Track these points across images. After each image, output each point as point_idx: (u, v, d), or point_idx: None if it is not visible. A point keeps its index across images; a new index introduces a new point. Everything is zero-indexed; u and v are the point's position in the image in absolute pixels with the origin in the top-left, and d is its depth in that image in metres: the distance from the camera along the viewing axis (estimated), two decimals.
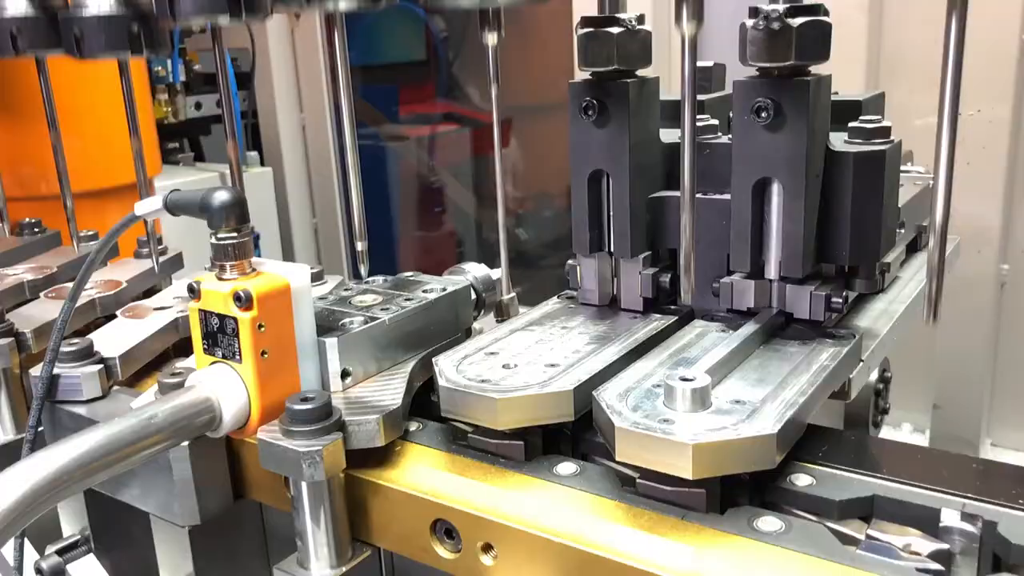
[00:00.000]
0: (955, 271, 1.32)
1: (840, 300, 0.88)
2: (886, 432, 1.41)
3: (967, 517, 0.69)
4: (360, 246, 1.01)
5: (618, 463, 0.73)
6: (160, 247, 1.43)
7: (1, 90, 2.02)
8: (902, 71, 1.89)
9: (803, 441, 0.76)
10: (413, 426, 0.88)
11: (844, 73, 0.87)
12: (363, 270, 1.03)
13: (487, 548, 0.74)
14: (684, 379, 0.73)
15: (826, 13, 0.82)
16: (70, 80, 1.93)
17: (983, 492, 0.71)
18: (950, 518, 0.69)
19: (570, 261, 1.03)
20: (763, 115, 0.83)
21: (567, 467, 0.79)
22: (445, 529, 0.77)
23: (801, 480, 0.75)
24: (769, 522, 0.68)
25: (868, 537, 0.70)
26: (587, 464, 0.79)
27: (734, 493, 0.74)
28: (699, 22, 0.70)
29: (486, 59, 0.90)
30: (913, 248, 1.24)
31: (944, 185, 0.69)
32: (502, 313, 1.11)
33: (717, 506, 0.71)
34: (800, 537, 0.66)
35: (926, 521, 0.70)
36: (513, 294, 1.11)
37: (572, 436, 0.85)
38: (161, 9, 0.92)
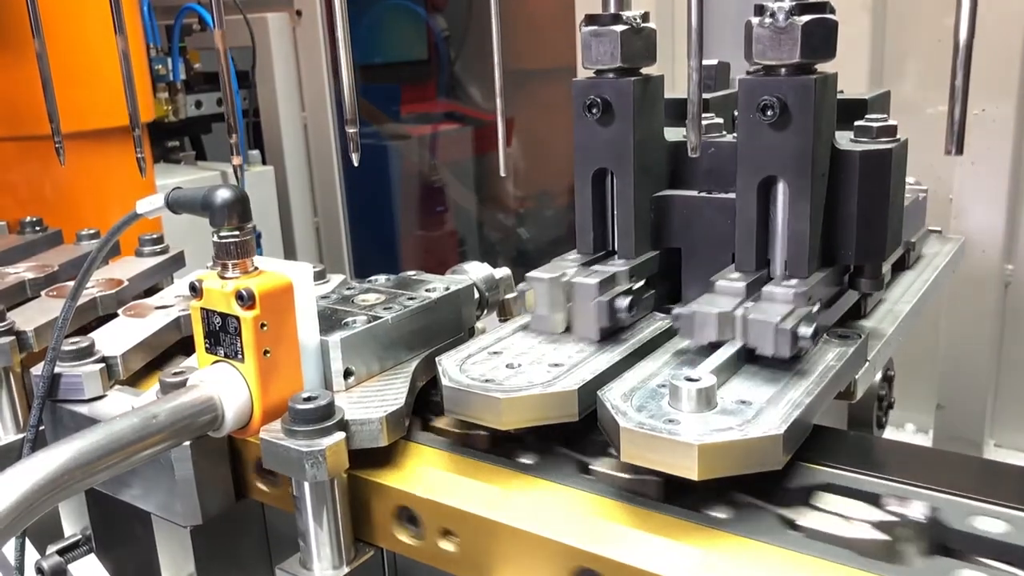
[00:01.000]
0: (959, 272, 1.31)
1: (808, 334, 0.77)
2: (889, 432, 1.41)
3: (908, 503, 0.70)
4: (351, 130, 0.98)
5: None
6: (161, 246, 1.43)
7: None
8: (906, 70, 1.88)
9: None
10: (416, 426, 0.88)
11: (846, 73, 0.86)
12: (355, 158, 1.00)
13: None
14: (689, 379, 0.73)
15: (832, 11, 0.81)
16: (59, 19, 1.86)
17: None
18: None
19: (520, 285, 0.94)
20: (769, 113, 0.83)
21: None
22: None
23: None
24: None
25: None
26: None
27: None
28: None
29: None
30: (900, 266, 1.17)
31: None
32: (505, 312, 1.10)
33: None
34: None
35: None
36: (516, 293, 1.11)
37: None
38: None
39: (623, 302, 0.89)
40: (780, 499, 0.73)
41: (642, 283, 0.94)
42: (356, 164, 0.99)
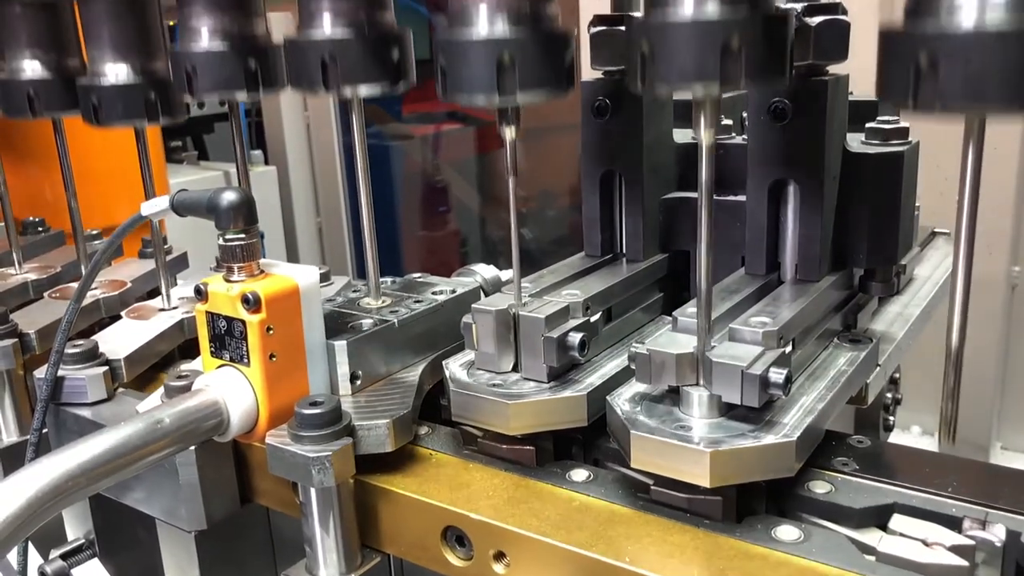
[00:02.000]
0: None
1: (780, 380, 0.68)
2: (895, 435, 1.40)
3: (988, 526, 0.67)
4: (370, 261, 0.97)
5: (632, 469, 0.72)
6: (165, 247, 1.42)
7: (12, 133, 1.99)
8: None
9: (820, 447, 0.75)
10: (423, 430, 0.87)
11: (852, 72, 0.85)
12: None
13: (499, 556, 0.73)
14: (700, 384, 0.72)
15: (844, 12, 0.80)
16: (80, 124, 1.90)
17: (1006, 500, 0.70)
18: (972, 528, 0.68)
19: (465, 318, 0.83)
20: (780, 116, 0.82)
21: (580, 473, 0.77)
22: (456, 536, 0.75)
23: (819, 487, 0.73)
24: (787, 531, 0.67)
25: (888, 531, 0.68)
26: (599, 470, 0.78)
27: (750, 500, 0.72)
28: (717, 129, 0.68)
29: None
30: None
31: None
32: None
33: (733, 514, 0.70)
34: (819, 546, 0.65)
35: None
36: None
37: (583, 441, 0.83)
38: (179, 83, 0.94)
39: (574, 339, 0.78)
40: (849, 520, 0.70)
41: (598, 315, 0.84)
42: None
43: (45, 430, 0.94)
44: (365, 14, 0.85)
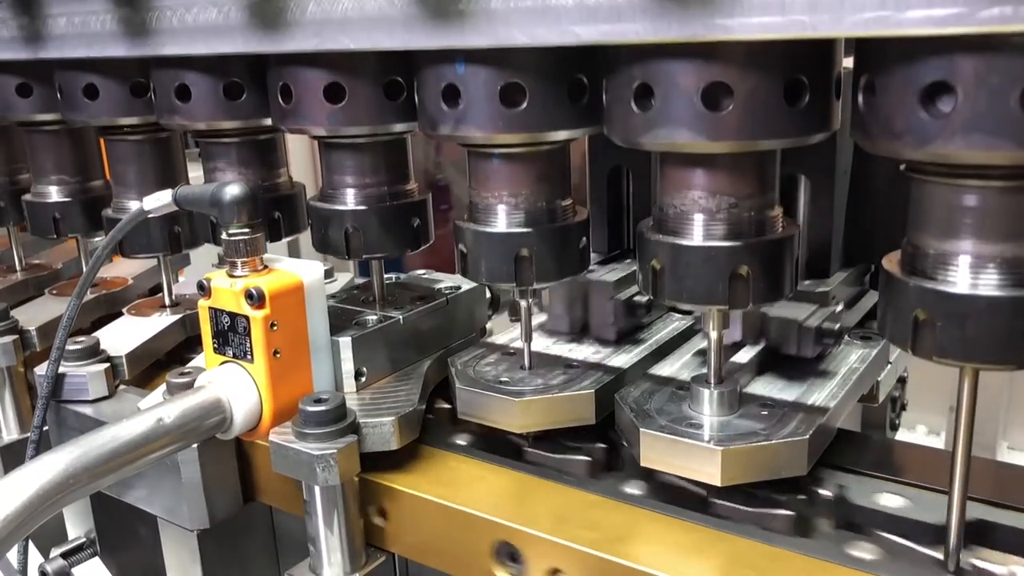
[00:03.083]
0: None
1: (833, 329, 0.78)
2: (901, 434, 1.39)
3: None
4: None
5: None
6: None
7: None
8: None
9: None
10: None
11: None
12: None
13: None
14: (711, 382, 0.71)
15: None
16: None
17: None
18: None
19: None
20: None
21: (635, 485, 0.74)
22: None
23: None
24: (862, 547, 0.64)
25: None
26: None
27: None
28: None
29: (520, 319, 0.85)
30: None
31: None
32: (517, 312, 1.08)
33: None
34: (899, 566, 0.62)
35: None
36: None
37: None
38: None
39: (641, 300, 0.87)
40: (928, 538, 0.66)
41: None
42: None
43: (46, 428, 0.93)
44: (387, 186, 0.89)
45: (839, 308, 0.80)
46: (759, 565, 0.63)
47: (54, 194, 1.16)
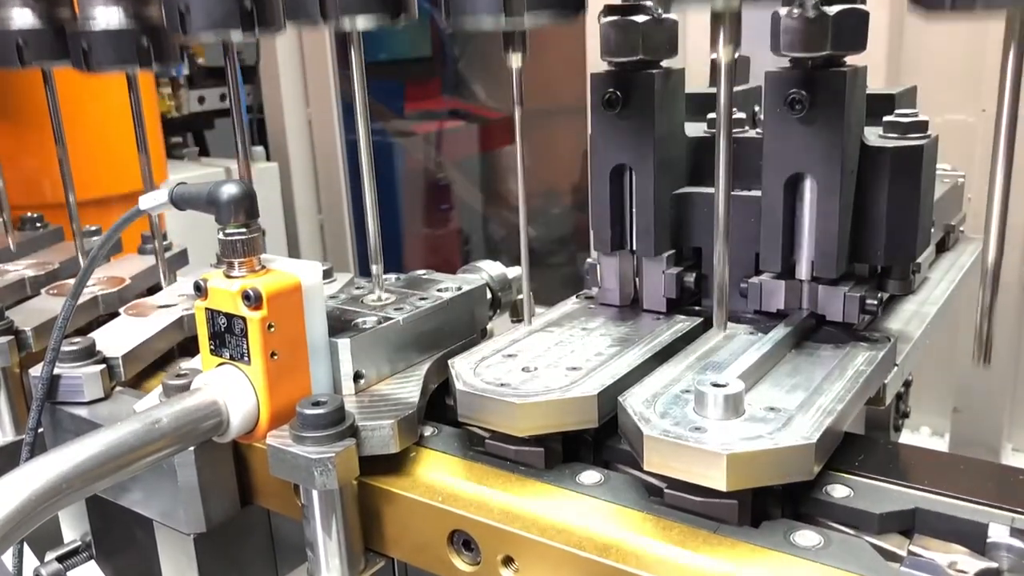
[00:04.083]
0: (977, 273, 1.28)
1: (875, 302, 0.85)
2: (905, 436, 1.38)
3: (1016, 532, 0.65)
4: (376, 269, 0.96)
5: (644, 472, 0.70)
6: (165, 242, 1.40)
7: (4, 96, 1.99)
8: (919, 68, 1.85)
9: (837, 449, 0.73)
10: (428, 431, 0.84)
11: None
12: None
13: (507, 561, 0.71)
14: (716, 385, 0.70)
15: (863, 1, 0.78)
16: (74, 87, 1.89)
17: None
18: (998, 533, 0.65)
19: (589, 260, 0.99)
20: (797, 108, 0.80)
21: (591, 476, 0.75)
22: (463, 540, 0.73)
23: (838, 491, 0.71)
24: (806, 536, 0.65)
25: (910, 553, 0.66)
26: (611, 473, 0.76)
27: (765, 504, 0.70)
28: (737, 45, 0.69)
29: (510, 80, 0.85)
30: (941, 248, 1.20)
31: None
32: (517, 313, 1.07)
33: (749, 518, 0.68)
34: (840, 552, 0.63)
35: (972, 537, 0.66)
36: (529, 293, 1.07)
37: (594, 442, 0.81)
38: (172, 24, 0.89)
39: (689, 277, 0.94)
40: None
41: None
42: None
43: (41, 429, 0.92)
44: None
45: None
46: (705, 552, 0.64)
47: (17, 20, 1.10)
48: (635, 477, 0.74)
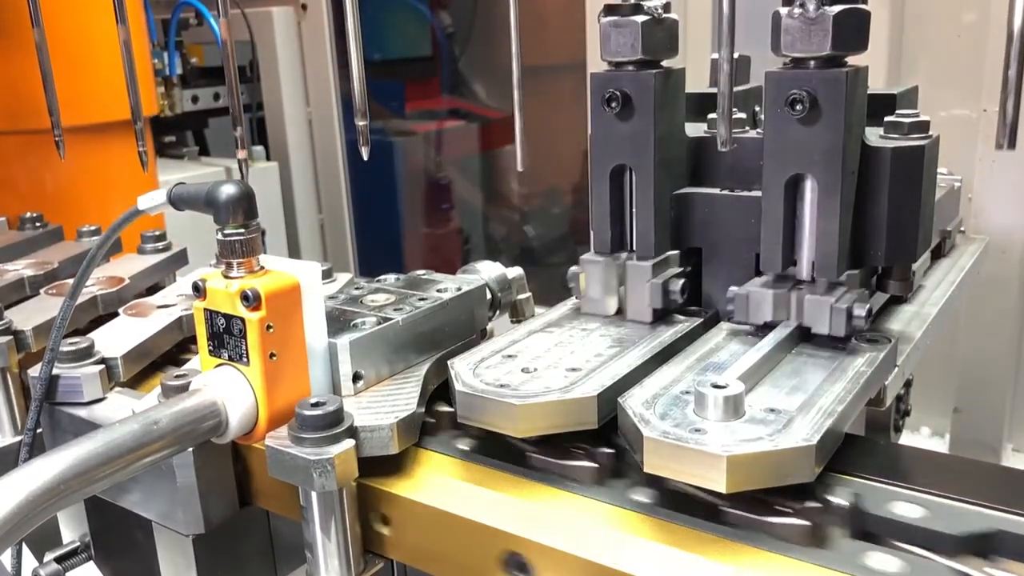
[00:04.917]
0: (978, 275, 1.28)
1: (863, 314, 0.81)
2: (904, 437, 1.37)
3: None
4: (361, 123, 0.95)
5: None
6: (164, 243, 1.40)
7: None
8: (919, 68, 1.84)
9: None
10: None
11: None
12: (364, 152, 0.96)
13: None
14: (716, 386, 0.69)
15: (864, 0, 0.78)
16: (62, 10, 1.85)
17: None
18: None
19: (573, 268, 0.95)
20: (798, 108, 0.79)
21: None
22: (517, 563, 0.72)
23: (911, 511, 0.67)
24: (880, 560, 0.62)
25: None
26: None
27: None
28: None
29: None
30: (937, 254, 1.19)
31: None
32: (517, 314, 1.07)
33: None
34: None
35: None
36: (529, 294, 1.07)
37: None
38: None
39: (676, 285, 0.91)
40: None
41: (689, 269, 0.96)
42: (365, 158, 0.96)
43: (39, 430, 0.92)
44: None
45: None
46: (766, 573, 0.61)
47: None
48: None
